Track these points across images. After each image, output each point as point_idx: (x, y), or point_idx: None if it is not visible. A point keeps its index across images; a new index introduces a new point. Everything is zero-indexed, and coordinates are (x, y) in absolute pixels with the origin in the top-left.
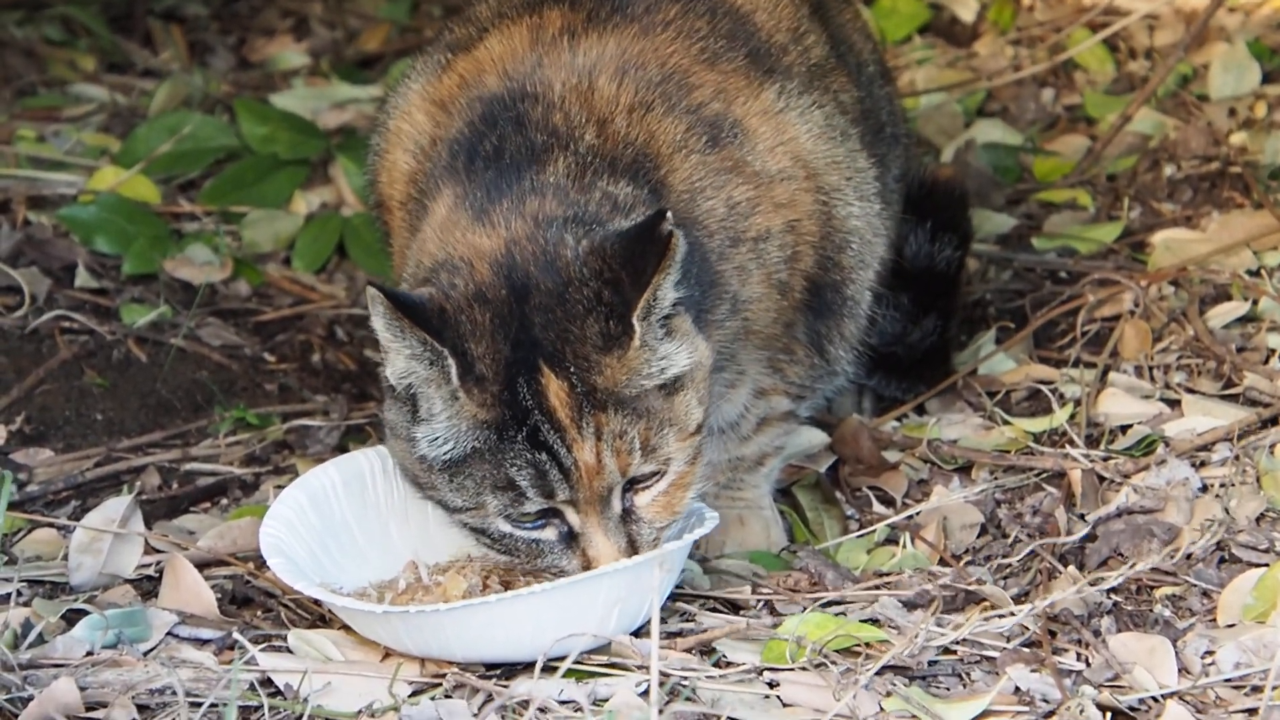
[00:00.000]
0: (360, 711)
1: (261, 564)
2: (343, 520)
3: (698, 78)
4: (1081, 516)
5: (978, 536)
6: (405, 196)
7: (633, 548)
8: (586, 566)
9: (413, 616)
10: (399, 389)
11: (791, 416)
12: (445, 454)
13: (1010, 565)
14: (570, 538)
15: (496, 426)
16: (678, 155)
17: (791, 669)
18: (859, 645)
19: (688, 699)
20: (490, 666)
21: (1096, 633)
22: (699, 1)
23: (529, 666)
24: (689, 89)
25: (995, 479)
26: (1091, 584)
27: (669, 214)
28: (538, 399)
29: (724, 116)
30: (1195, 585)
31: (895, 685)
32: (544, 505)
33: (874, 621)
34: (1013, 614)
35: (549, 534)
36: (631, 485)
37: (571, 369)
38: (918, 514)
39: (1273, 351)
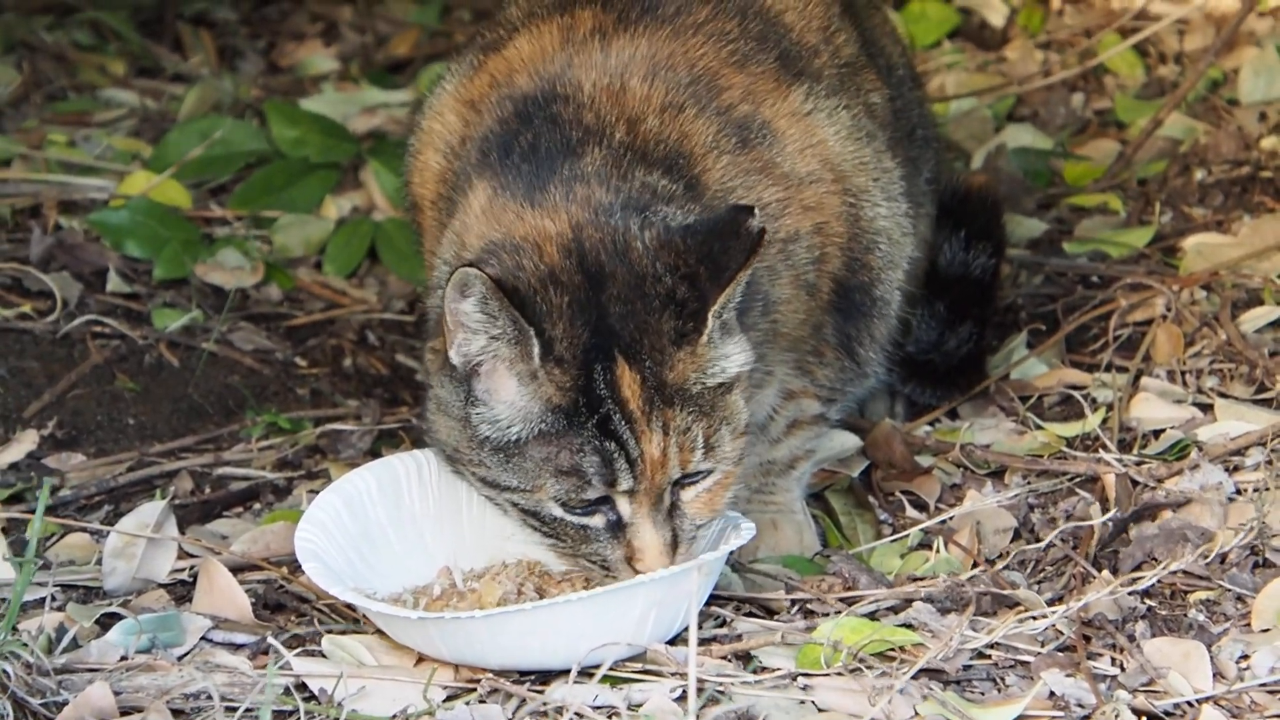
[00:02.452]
0: (395, 716)
1: (295, 568)
2: (378, 525)
3: (727, 79)
4: (1115, 521)
5: (1011, 541)
6: (436, 195)
7: (675, 542)
8: (629, 556)
9: (448, 623)
10: (460, 369)
11: (822, 420)
12: (511, 435)
13: (1044, 570)
14: (617, 527)
15: (568, 411)
16: (710, 155)
17: (827, 674)
18: (893, 650)
19: (723, 702)
20: (525, 672)
21: (1131, 637)
22: (729, 3)
23: (564, 672)
24: (718, 91)
25: (1028, 483)
26: (1124, 586)
27: (756, 210)
28: (612, 388)
29: (753, 118)
30: (1229, 590)
31: (930, 689)
32: (605, 493)
33: (908, 626)
34: (1046, 616)
35: (597, 521)
36: (679, 481)
37: (646, 361)
38: (951, 518)
39: None
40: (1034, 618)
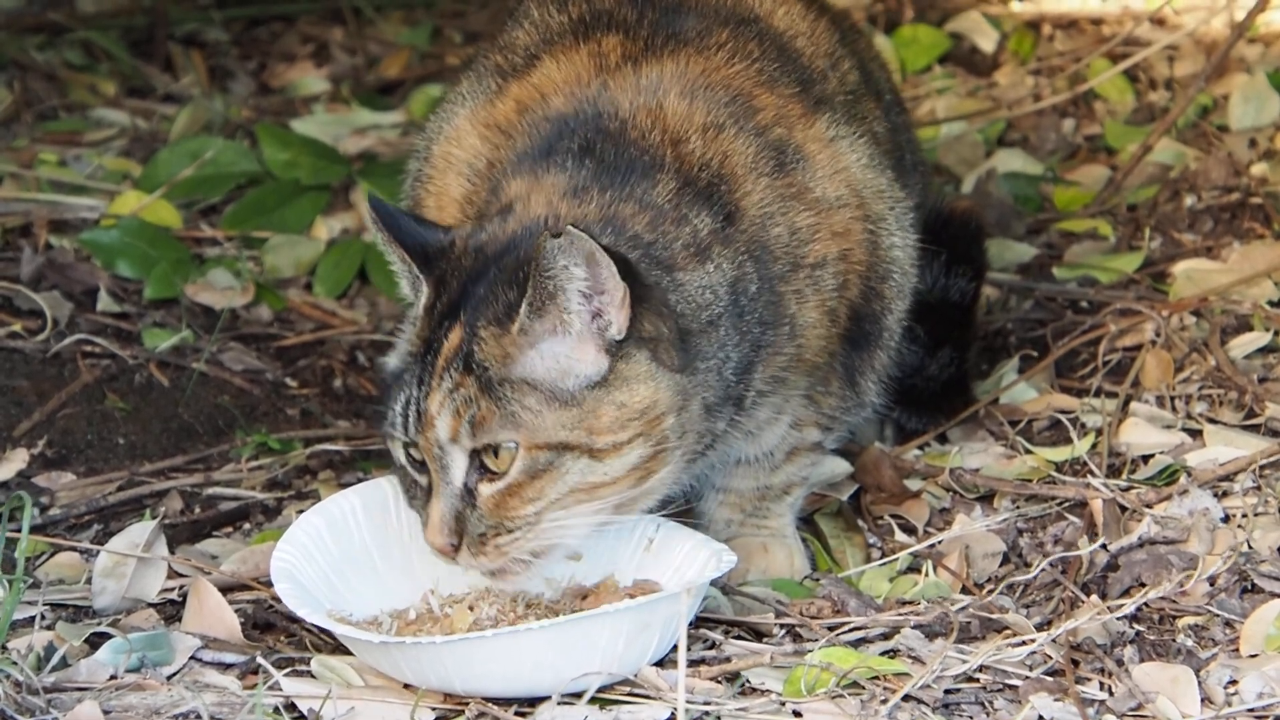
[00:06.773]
0: None
1: None
2: (363, 547)
3: (760, 100)
4: (1104, 546)
5: (1000, 565)
6: (457, 222)
7: (458, 526)
8: (428, 521)
9: (408, 648)
10: None
11: (819, 447)
12: (390, 368)
13: (1033, 594)
14: (429, 492)
15: (414, 356)
16: (750, 178)
17: (816, 698)
18: (880, 675)
19: None
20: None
21: (1120, 662)
22: (746, 25)
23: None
24: (754, 110)
25: (1017, 508)
26: (1111, 610)
27: (568, 229)
28: (439, 344)
29: (787, 141)
30: (1218, 615)
31: (920, 713)
32: (404, 439)
33: (897, 651)
34: (1033, 640)
35: (423, 480)
36: (484, 471)
37: (471, 328)
38: (940, 542)
39: None
40: (1022, 640)
